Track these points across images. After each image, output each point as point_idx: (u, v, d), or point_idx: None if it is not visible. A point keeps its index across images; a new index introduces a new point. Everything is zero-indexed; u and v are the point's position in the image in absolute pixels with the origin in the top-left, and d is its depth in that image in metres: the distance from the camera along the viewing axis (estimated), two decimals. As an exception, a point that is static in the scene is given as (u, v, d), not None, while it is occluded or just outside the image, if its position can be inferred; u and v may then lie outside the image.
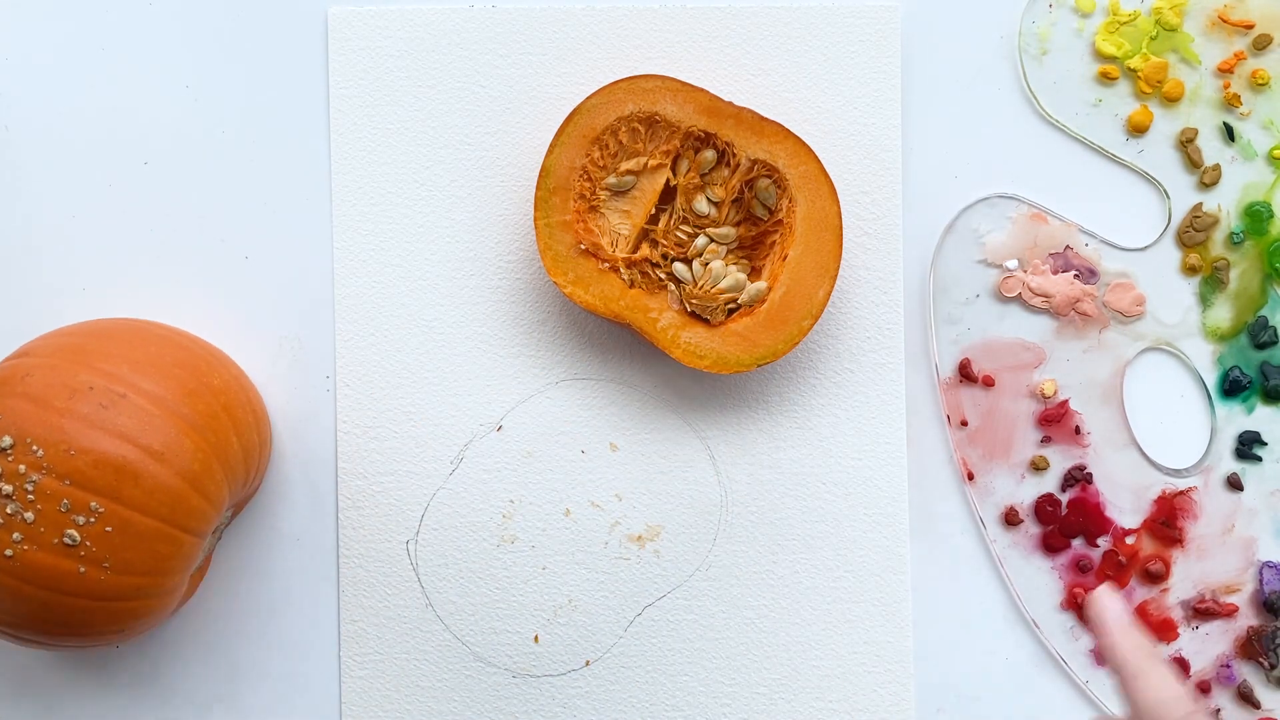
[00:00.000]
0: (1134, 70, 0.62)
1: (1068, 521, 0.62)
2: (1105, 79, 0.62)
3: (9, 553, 0.50)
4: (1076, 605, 0.62)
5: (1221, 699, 0.61)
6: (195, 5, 0.62)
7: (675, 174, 0.60)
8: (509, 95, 0.62)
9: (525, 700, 0.61)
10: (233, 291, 0.62)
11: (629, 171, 0.59)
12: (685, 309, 0.60)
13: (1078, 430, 0.62)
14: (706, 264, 0.59)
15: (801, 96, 0.62)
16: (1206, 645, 0.62)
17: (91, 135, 0.62)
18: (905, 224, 0.62)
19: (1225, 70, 0.62)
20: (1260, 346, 0.62)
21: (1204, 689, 0.61)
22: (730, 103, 0.59)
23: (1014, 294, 0.62)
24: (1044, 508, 0.62)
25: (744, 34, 0.62)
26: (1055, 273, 0.62)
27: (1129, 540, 0.62)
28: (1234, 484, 0.62)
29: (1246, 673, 0.62)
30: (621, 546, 0.62)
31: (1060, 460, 0.62)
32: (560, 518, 0.62)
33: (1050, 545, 0.62)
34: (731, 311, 0.59)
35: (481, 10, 0.62)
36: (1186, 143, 0.62)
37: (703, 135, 0.59)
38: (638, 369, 0.62)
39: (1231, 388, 0.62)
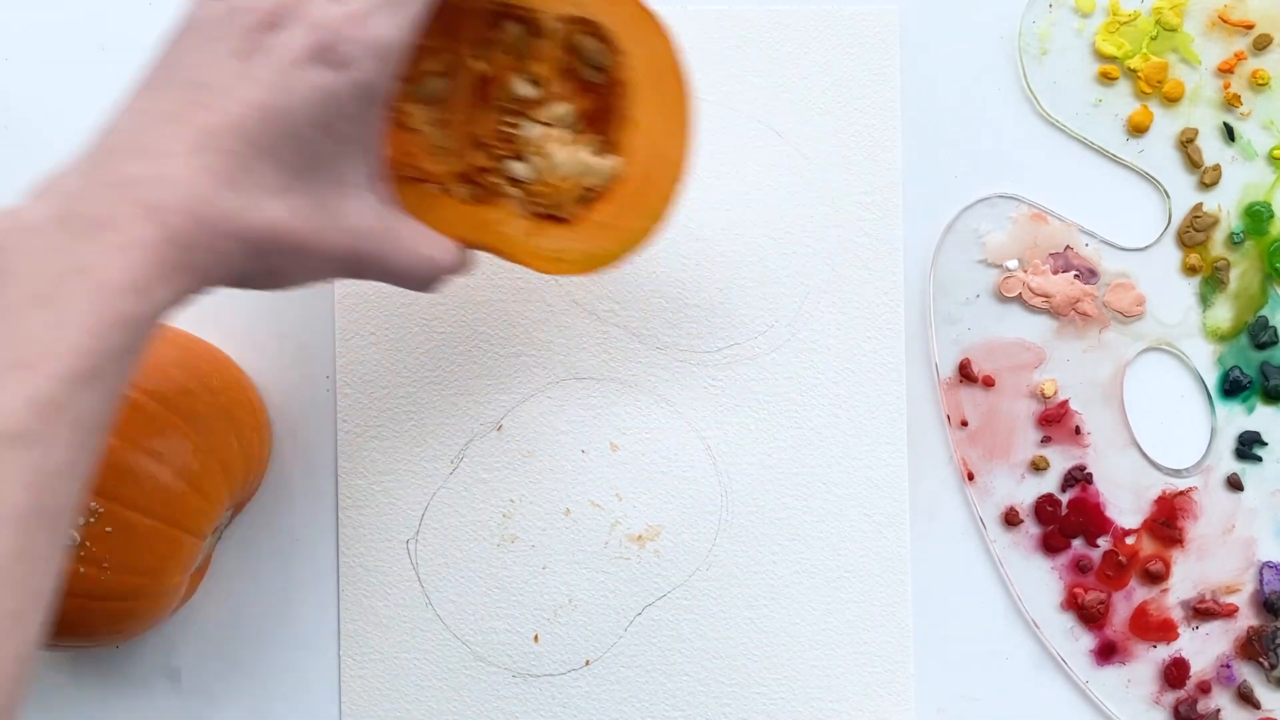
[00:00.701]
0: (1134, 70, 0.62)
1: (1068, 521, 0.62)
2: (1105, 79, 0.62)
3: (9, 553, 0.50)
4: (1077, 605, 0.61)
5: (1221, 699, 0.61)
6: (195, 5, 0.62)
7: (487, 63, 0.51)
8: (509, 95, 0.62)
9: (525, 700, 0.61)
10: (233, 291, 0.62)
11: (431, 73, 0.50)
12: (537, 212, 0.51)
13: (1078, 430, 0.62)
14: (549, 155, 0.51)
15: (800, 99, 0.62)
16: (1206, 645, 0.62)
17: (91, 135, 0.62)
18: (905, 224, 0.62)
19: (1225, 70, 0.62)
20: (1260, 346, 0.62)
21: (1204, 689, 0.61)
22: None
23: (1014, 294, 0.62)
24: (1044, 508, 0.62)
25: (742, 36, 0.62)
26: (1055, 273, 0.62)
27: (1129, 540, 0.62)
28: (1234, 484, 0.62)
29: (1246, 673, 0.62)
30: (621, 546, 0.62)
31: (1060, 460, 0.62)
32: (560, 517, 0.62)
33: (1050, 545, 0.62)
34: (592, 203, 0.51)
35: (481, 10, 0.62)
36: (1186, 143, 0.62)
37: (499, 7, 0.50)
38: (638, 369, 0.62)
39: (1232, 388, 0.62)
